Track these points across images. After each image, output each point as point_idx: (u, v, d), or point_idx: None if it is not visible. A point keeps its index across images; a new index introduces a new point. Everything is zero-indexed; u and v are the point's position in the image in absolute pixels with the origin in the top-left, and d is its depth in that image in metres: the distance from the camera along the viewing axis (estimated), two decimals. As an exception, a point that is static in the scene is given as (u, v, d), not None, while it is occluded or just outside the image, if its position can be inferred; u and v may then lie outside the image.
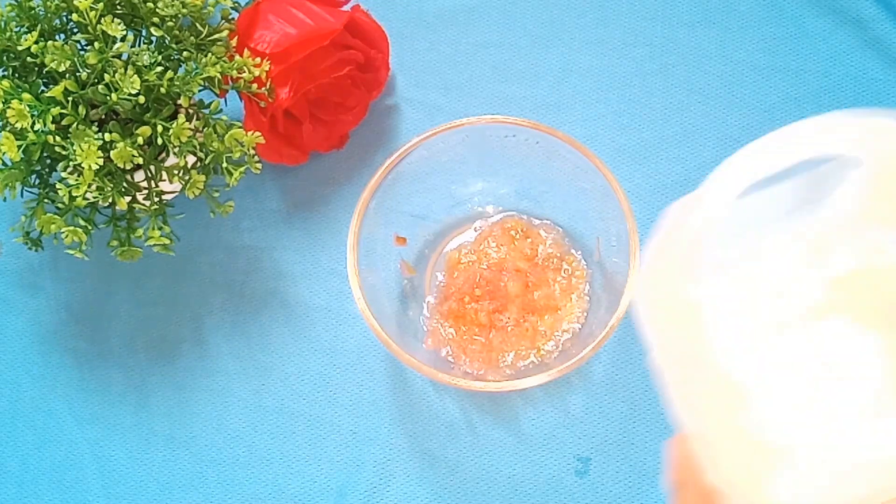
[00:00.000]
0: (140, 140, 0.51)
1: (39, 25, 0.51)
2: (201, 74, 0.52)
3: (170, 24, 0.52)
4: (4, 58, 0.52)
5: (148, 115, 0.52)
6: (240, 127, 0.54)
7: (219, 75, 0.53)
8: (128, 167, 0.51)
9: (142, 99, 0.50)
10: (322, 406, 0.60)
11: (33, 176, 0.54)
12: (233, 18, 0.57)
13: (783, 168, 0.29)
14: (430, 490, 0.58)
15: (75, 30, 0.53)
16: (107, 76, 0.50)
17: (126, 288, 0.63)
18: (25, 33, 0.52)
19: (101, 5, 0.50)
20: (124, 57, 0.51)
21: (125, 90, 0.49)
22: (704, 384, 0.29)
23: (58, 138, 0.49)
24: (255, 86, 0.55)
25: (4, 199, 0.52)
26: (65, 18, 0.53)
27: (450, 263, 0.60)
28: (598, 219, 0.56)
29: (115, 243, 0.55)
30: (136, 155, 0.50)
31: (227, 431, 0.60)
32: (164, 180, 0.54)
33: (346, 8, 0.60)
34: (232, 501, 0.59)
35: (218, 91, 0.54)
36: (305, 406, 0.60)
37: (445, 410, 0.59)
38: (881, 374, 0.29)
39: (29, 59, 0.51)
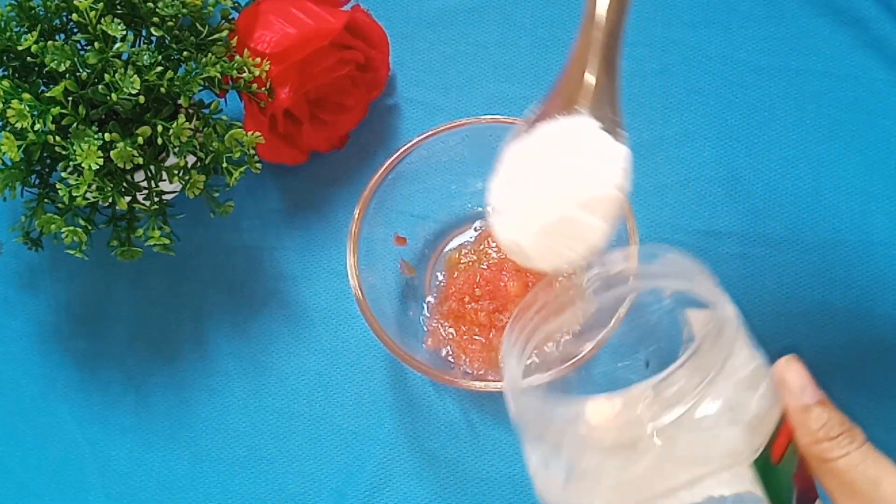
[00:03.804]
0: (140, 140, 0.51)
1: (39, 25, 0.51)
2: (201, 74, 0.52)
3: (170, 24, 0.52)
4: (4, 58, 0.52)
5: (148, 115, 0.52)
6: (240, 127, 0.54)
7: (219, 75, 0.53)
8: (128, 167, 0.51)
9: (142, 99, 0.50)
10: (322, 406, 0.60)
11: (33, 176, 0.54)
12: (233, 18, 0.57)
13: None
14: (430, 490, 0.58)
15: (75, 30, 0.53)
16: (107, 76, 0.50)
17: (126, 288, 0.63)
18: (25, 33, 0.52)
19: (101, 5, 0.50)
20: (124, 57, 0.51)
21: (125, 90, 0.49)
22: None
23: (58, 138, 0.49)
24: (255, 86, 0.55)
25: (4, 199, 0.52)
26: (65, 18, 0.53)
27: (450, 263, 0.60)
28: (598, 219, 0.56)
29: (115, 243, 0.55)
30: (136, 155, 0.50)
31: (227, 431, 0.60)
32: (164, 180, 0.54)
33: (346, 8, 0.60)
34: (232, 501, 0.59)
35: (218, 91, 0.54)
36: (305, 406, 0.60)
37: (445, 410, 0.59)
38: None
39: (29, 59, 0.51)
